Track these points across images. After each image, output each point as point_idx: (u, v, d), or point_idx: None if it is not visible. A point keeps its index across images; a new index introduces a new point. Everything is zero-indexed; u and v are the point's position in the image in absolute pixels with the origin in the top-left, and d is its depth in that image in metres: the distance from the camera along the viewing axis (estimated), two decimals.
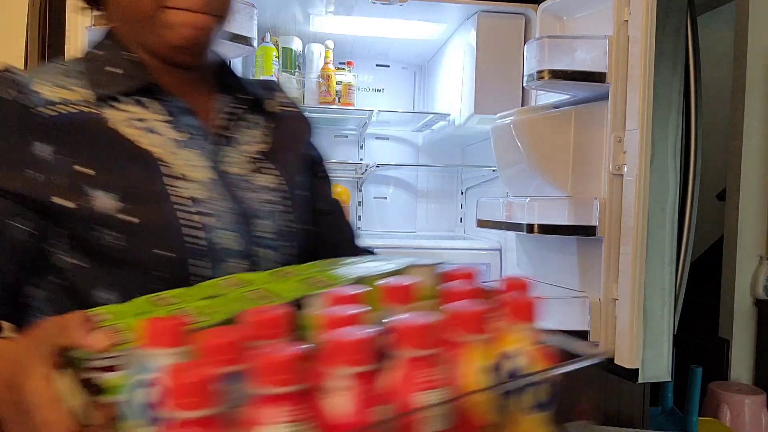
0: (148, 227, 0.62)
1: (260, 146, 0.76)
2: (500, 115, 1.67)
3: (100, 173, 0.62)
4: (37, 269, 0.63)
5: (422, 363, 0.41)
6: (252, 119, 0.78)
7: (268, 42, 1.87)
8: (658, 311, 1.31)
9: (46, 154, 0.61)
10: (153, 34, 0.67)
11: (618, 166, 1.31)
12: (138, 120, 0.67)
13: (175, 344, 0.41)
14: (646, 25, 1.25)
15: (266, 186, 0.73)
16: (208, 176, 0.68)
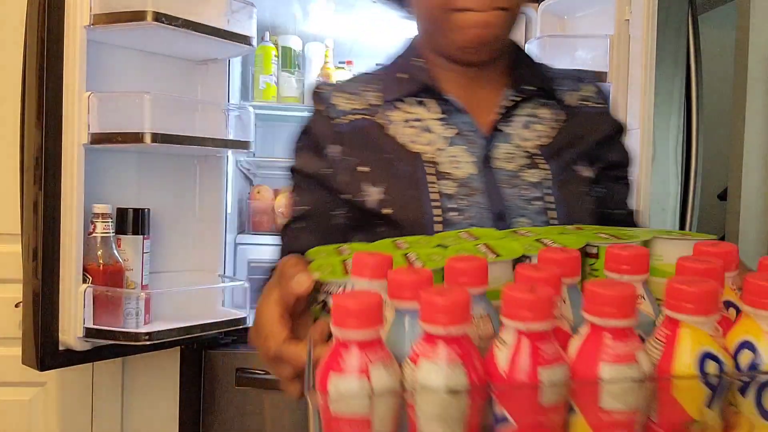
0: (403, 220, 0.70)
1: (541, 140, 0.76)
2: None
3: (374, 169, 0.72)
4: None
5: (614, 334, 0.39)
6: (538, 113, 0.77)
7: (267, 41, 1.86)
8: None
9: (335, 155, 0.74)
10: (443, 37, 0.72)
11: None
12: (415, 120, 0.75)
13: (377, 277, 0.47)
14: (647, 25, 1.25)
15: (533, 182, 0.73)
16: (471, 172, 0.72)
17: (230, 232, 1.69)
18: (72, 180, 1.27)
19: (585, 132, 0.78)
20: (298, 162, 0.79)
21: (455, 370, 0.39)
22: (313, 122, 0.79)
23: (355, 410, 0.39)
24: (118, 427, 1.68)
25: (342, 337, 0.40)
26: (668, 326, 0.41)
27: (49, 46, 1.25)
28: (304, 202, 0.77)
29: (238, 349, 1.57)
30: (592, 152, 0.78)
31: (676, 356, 0.41)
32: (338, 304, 0.40)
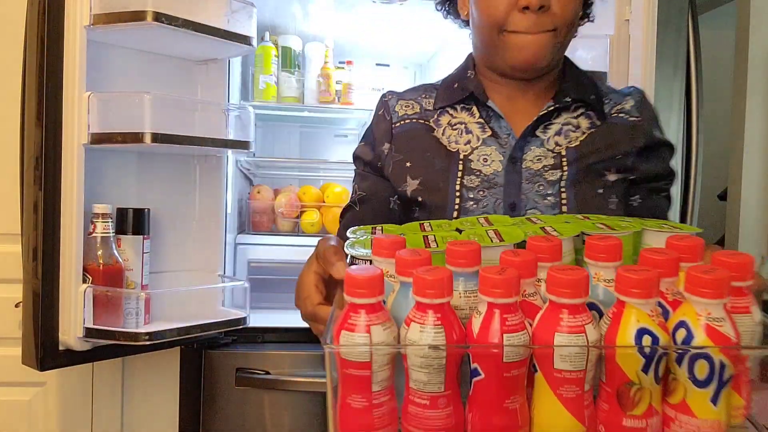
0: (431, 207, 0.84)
1: (571, 145, 0.84)
2: None
3: (415, 165, 0.86)
4: None
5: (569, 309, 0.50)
6: (577, 122, 0.86)
7: (267, 41, 1.86)
8: None
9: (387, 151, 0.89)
10: (495, 55, 0.83)
11: None
12: (459, 123, 0.87)
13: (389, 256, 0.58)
14: (647, 25, 1.25)
15: (552, 180, 0.82)
16: (497, 169, 0.83)
17: (230, 232, 1.69)
18: (72, 180, 1.27)
19: (614, 141, 0.85)
20: (361, 152, 0.93)
21: (436, 331, 0.51)
22: (376, 123, 0.93)
23: (359, 358, 0.51)
24: (118, 427, 1.68)
25: (351, 302, 0.52)
26: (617, 306, 0.52)
27: (49, 46, 1.25)
28: (362, 188, 0.91)
29: (238, 349, 1.57)
30: (621, 160, 0.84)
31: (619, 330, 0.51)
32: (348, 277, 0.52)
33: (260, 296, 1.71)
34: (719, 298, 0.50)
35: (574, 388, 0.51)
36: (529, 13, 0.78)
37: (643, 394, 0.52)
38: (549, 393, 0.52)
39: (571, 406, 0.52)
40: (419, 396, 0.52)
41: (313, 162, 2.15)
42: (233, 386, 1.55)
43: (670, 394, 0.53)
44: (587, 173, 0.83)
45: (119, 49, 1.43)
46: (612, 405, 0.52)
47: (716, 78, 2.80)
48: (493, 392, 0.51)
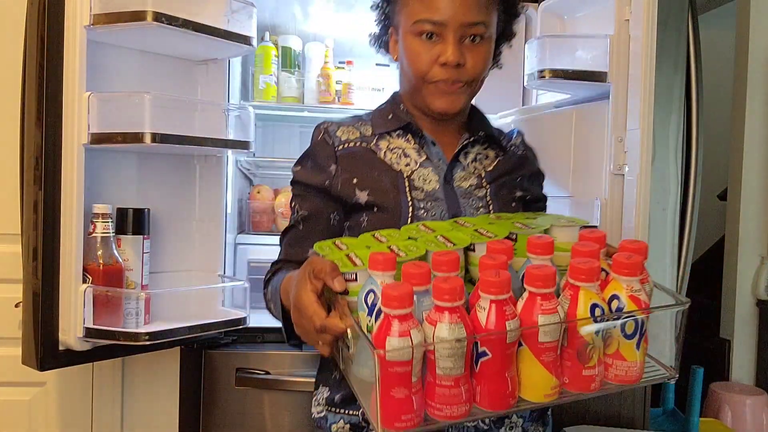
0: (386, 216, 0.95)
1: (486, 169, 1.05)
2: (501, 115, 1.67)
3: (362, 180, 0.98)
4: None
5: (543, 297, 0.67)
6: (484, 152, 1.07)
7: (267, 41, 1.86)
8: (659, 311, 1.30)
9: (334, 171, 1.00)
10: (421, 100, 0.99)
11: (619, 165, 1.30)
12: (396, 148, 1.02)
13: (388, 269, 0.70)
14: (647, 25, 1.24)
15: (480, 196, 1.01)
16: (435, 187, 0.99)
17: (230, 232, 1.69)
18: (72, 180, 1.27)
19: (514, 167, 1.08)
20: (302, 176, 1.03)
21: (458, 327, 0.64)
22: (317, 148, 1.03)
23: (403, 357, 0.64)
24: (118, 427, 1.68)
25: (390, 313, 0.64)
26: (571, 288, 0.71)
27: (49, 46, 1.25)
28: (305, 207, 1.01)
29: (238, 349, 1.57)
30: (520, 182, 1.07)
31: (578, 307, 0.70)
32: (387, 294, 0.64)
33: (260, 296, 1.70)
34: (637, 276, 0.72)
35: (552, 354, 0.70)
36: (447, 68, 0.94)
37: (595, 351, 0.72)
38: (534, 360, 0.69)
39: (550, 367, 0.70)
40: (446, 379, 0.66)
41: None
42: (233, 386, 1.55)
43: (608, 347, 0.74)
44: (503, 190, 1.04)
45: (119, 49, 1.43)
46: (573, 361, 0.72)
47: (716, 78, 2.80)
48: (498, 367, 0.68)
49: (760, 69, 2.56)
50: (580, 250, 0.74)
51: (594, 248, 0.74)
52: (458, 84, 0.96)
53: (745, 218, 2.58)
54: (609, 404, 1.67)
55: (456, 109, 0.99)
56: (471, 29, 0.94)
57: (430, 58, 0.94)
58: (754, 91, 2.57)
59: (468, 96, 1.00)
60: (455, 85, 0.96)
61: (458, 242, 0.76)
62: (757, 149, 2.58)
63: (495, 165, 1.06)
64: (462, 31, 0.94)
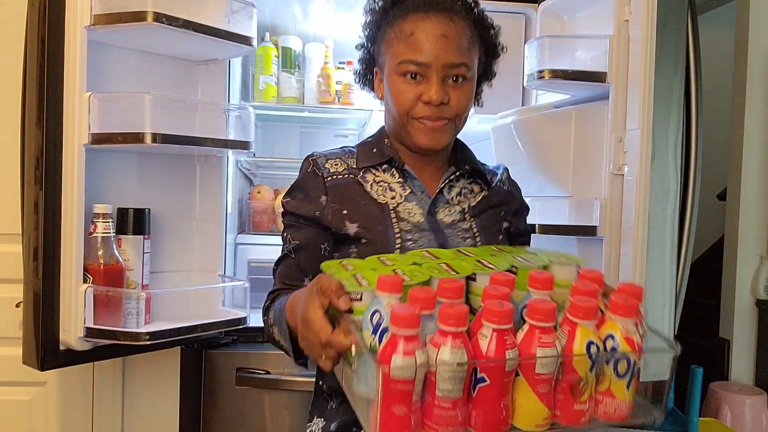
0: (374, 247, 0.98)
1: (471, 203, 1.08)
2: (501, 115, 1.67)
3: (351, 212, 1.01)
4: None
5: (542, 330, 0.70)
6: (469, 186, 1.10)
7: (267, 41, 1.87)
8: (659, 311, 1.30)
9: (325, 202, 1.02)
10: (406, 136, 1.02)
11: (618, 165, 1.31)
12: (382, 181, 1.05)
13: (395, 291, 0.73)
14: (647, 25, 1.25)
15: (465, 228, 1.05)
16: (420, 220, 1.02)
17: (230, 232, 1.69)
18: (72, 180, 1.27)
19: (499, 202, 1.12)
20: (293, 207, 1.05)
21: (461, 352, 0.67)
22: (307, 179, 1.05)
23: (406, 376, 0.66)
24: (118, 427, 1.69)
25: (397, 333, 0.66)
26: (569, 324, 0.73)
27: (49, 47, 1.25)
28: (298, 238, 1.04)
29: (238, 349, 1.57)
30: (505, 216, 1.11)
31: (575, 343, 0.72)
32: (395, 315, 0.67)
33: (260, 296, 1.70)
34: (632, 318, 0.75)
35: (547, 386, 0.72)
36: (430, 105, 0.97)
37: (587, 386, 0.74)
38: (528, 391, 0.72)
39: (544, 399, 0.72)
40: (444, 401, 0.68)
41: None
42: (233, 386, 1.56)
43: (599, 384, 0.76)
44: (488, 223, 1.07)
45: (119, 50, 1.43)
46: (566, 395, 0.74)
47: (716, 78, 2.80)
48: (494, 394, 0.70)
49: (760, 69, 2.56)
50: (580, 288, 0.77)
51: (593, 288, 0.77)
52: (442, 121, 0.99)
53: (744, 218, 2.58)
54: None
55: (440, 145, 1.02)
56: (454, 70, 0.98)
57: (414, 95, 0.98)
58: (753, 91, 2.57)
59: (452, 133, 1.03)
60: (439, 122, 0.99)
61: (461, 271, 0.80)
62: (757, 149, 2.58)
63: (479, 200, 1.09)
64: (445, 72, 0.98)
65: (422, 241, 1.01)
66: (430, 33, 0.98)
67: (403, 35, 0.99)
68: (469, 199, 1.08)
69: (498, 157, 1.70)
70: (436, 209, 1.05)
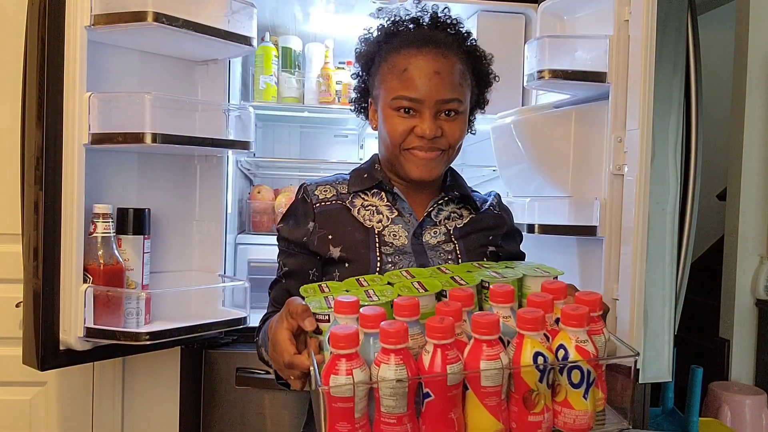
0: (356, 269, 1.01)
1: (457, 225, 1.10)
2: (500, 115, 1.67)
3: (336, 236, 1.04)
4: None
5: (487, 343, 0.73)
6: (457, 211, 1.12)
7: (267, 42, 1.87)
8: (659, 311, 1.30)
9: (312, 228, 1.06)
10: (399, 167, 1.05)
11: (618, 165, 1.31)
12: (370, 205, 1.08)
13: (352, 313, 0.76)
14: (647, 25, 1.25)
15: (448, 250, 1.06)
16: (404, 242, 1.05)
17: (230, 232, 1.69)
18: (72, 180, 1.27)
19: (487, 226, 1.13)
20: (285, 233, 1.10)
21: (401, 369, 0.70)
22: (298, 207, 1.10)
23: (345, 394, 0.69)
24: (118, 426, 1.69)
25: (336, 353, 0.70)
26: (518, 337, 0.75)
27: (49, 47, 1.25)
28: (288, 264, 1.09)
29: (238, 349, 1.57)
30: (492, 240, 1.12)
31: (522, 354, 0.74)
32: (333, 334, 0.70)
33: (260, 296, 1.70)
34: (583, 327, 0.76)
35: (495, 399, 0.74)
36: (424, 139, 1.00)
37: (540, 397, 0.75)
38: (477, 404, 0.74)
39: (493, 411, 0.74)
40: (389, 417, 0.71)
41: (313, 162, 2.15)
42: (233, 386, 1.56)
43: (556, 395, 0.77)
44: (472, 246, 1.09)
45: (119, 50, 1.43)
46: (519, 407, 0.75)
47: (716, 78, 2.80)
48: (440, 408, 0.72)
49: (760, 69, 2.56)
50: (533, 300, 0.80)
51: (547, 299, 0.79)
52: (435, 152, 1.02)
53: (744, 218, 2.58)
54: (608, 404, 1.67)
55: (432, 176, 1.05)
56: (446, 105, 1.01)
57: (406, 128, 1.01)
58: (753, 91, 2.57)
59: (444, 164, 1.06)
60: (431, 153, 1.02)
61: (431, 288, 0.83)
62: (757, 149, 2.58)
63: (466, 223, 1.11)
64: (438, 107, 1.00)
65: (402, 263, 1.03)
66: (423, 70, 1.00)
67: (396, 70, 1.01)
68: (455, 223, 1.11)
69: (498, 157, 1.70)
70: (423, 231, 1.07)
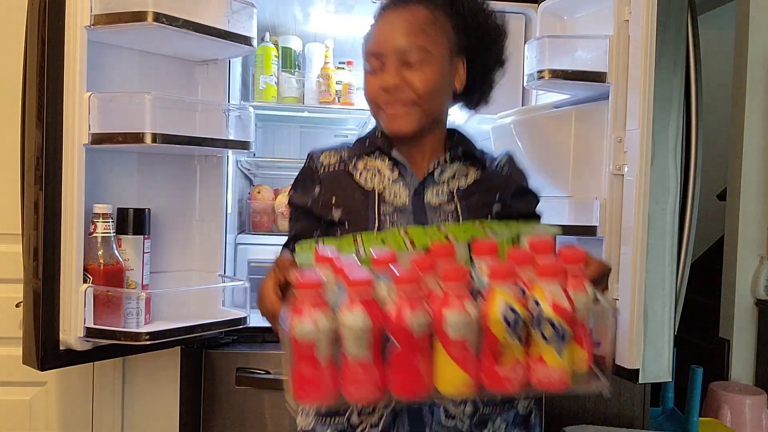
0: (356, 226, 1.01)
1: (460, 185, 1.07)
2: (500, 115, 1.67)
3: (337, 199, 1.05)
4: None
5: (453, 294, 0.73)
6: (463, 169, 1.08)
7: (267, 42, 1.87)
8: (659, 311, 1.30)
9: (317, 193, 1.07)
10: (381, 126, 1.06)
11: (618, 166, 1.31)
12: (373, 167, 1.07)
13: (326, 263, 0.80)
14: (647, 25, 1.25)
15: (449, 210, 1.04)
16: (405, 202, 1.04)
17: (230, 232, 1.69)
18: (72, 180, 1.27)
19: (493, 186, 1.09)
20: (295, 198, 1.12)
21: (363, 317, 0.71)
22: (305, 173, 1.12)
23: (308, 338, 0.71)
24: (118, 427, 1.69)
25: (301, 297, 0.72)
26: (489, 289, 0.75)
27: (49, 46, 1.25)
28: (295, 228, 1.11)
29: (238, 349, 1.57)
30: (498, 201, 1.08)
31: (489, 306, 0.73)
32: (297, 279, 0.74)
33: None
34: (557, 281, 0.74)
35: (463, 351, 0.73)
36: (388, 92, 1.00)
37: (510, 351, 0.74)
38: (445, 356, 0.73)
39: (462, 364, 0.73)
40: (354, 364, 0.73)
41: None
42: (233, 386, 1.56)
43: (530, 350, 0.75)
44: (475, 206, 1.05)
45: (119, 50, 1.43)
46: (489, 360, 0.74)
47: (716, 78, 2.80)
48: (406, 358, 0.73)
49: (760, 69, 2.56)
50: (510, 254, 0.79)
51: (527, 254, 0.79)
52: (398, 105, 1.00)
53: (744, 218, 2.58)
54: (609, 404, 1.67)
55: (408, 128, 1.02)
56: (408, 54, 0.99)
57: (374, 85, 1.02)
58: (753, 91, 2.57)
59: (419, 115, 1.02)
60: (396, 106, 1.00)
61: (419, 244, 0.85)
62: (757, 149, 2.58)
63: (471, 183, 1.08)
64: (400, 57, 0.99)
65: (400, 222, 1.03)
66: (386, 24, 1.02)
67: (367, 37, 1.05)
68: (459, 182, 1.08)
69: None
70: (425, 190, 1.05)
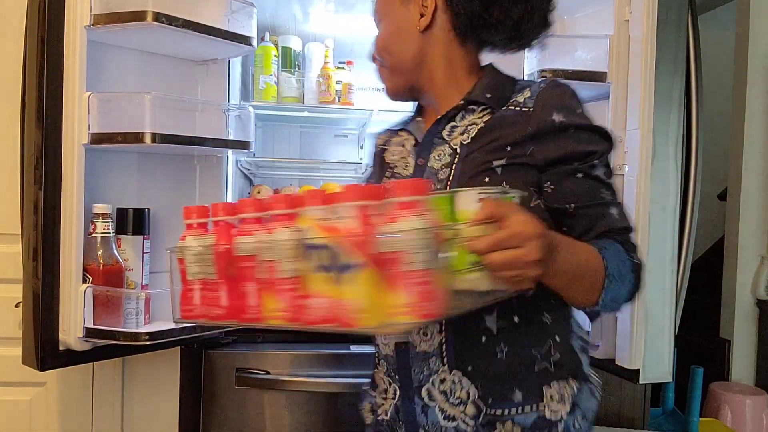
0: None
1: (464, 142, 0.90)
2: None
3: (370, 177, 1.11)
4: None
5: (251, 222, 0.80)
6: (477, 121, 0.91)
7: (267, 41, 1.86)
8: (659, 311, 1.30)
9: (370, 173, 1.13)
10: None
11: (619, 166, 1.30)
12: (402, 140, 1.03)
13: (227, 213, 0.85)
14: (647, 25, 1.25)
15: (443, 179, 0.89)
16: (410, 171, 0.97)
17: None
18: (72, 180, 1.27)
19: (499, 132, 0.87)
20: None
21: (201, 239, 0.83)
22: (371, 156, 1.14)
23: (178, 255, 0.85)
24: (118, 427, 1.68)
25: (187, 224, 0.86)
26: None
27: (49, 46, 1.25)
28: None
29: (238, 349, 1.57)
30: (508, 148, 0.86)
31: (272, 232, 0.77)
32: (185, 209, 0.86)
33: None
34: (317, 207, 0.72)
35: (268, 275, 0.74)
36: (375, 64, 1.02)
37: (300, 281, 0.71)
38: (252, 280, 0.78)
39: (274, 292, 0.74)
40: (192, 282, 0.82)
41: (313, 162, 2.15)
42: (233, 386, 1.56)
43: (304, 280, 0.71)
44: (472, 166, 0.87)
45: (119, 49, 1.43)
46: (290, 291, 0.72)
47: (716, 78, 2.80)
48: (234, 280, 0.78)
49: (760, 69, 2.56)
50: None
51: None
52: (381, 72, 1.02)
53: (744, 218, 2.58)
54: (609, 404, 1.67)
55: (390, 90, 1.02)
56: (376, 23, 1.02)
57: None
58: (754, 91, 2.57)
59: (387, 73, 1.00)
60: (381, 74, 1.02)
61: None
62: (757, 149, 2.58)
63: (475, 135, 0.89)
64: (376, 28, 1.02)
65: None
66: None
67: None
68: (462, 137, 0.91)
69: None
70: (430, 153, 0.93)
